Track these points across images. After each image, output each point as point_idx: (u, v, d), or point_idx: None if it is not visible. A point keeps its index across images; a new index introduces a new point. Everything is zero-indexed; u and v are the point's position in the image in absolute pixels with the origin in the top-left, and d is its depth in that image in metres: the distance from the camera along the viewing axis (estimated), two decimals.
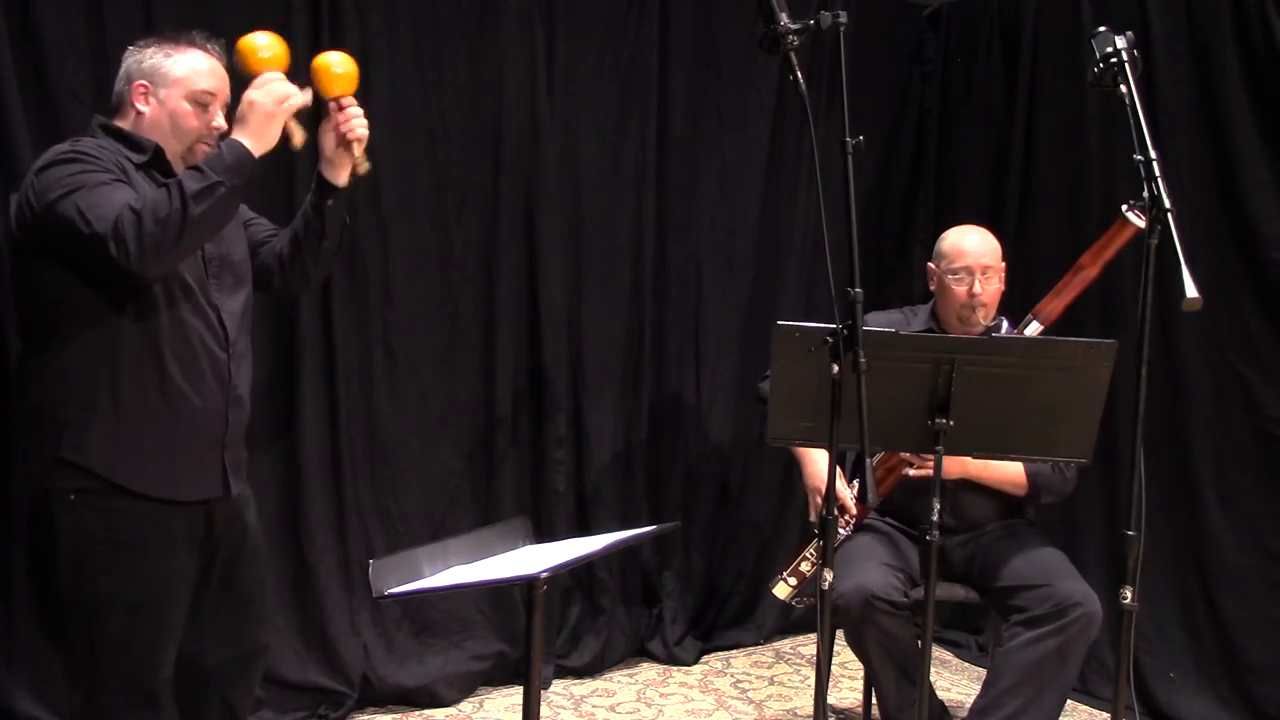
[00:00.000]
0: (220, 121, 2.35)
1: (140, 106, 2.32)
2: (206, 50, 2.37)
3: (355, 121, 2.40)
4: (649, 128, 3.92)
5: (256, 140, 2.23)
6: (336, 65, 2.40)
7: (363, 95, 3.35)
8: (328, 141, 2.43)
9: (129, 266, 2.11)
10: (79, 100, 2.97)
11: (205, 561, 2.38)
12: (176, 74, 2.31)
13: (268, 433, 3.32)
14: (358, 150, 2.42)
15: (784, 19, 2.16)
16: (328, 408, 3.43)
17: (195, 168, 2.19)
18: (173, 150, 2.32)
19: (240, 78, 2.34)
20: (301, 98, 2.30)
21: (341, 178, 2.47)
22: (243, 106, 2.24)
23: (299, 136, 2.34)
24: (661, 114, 3.95)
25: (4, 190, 2.89)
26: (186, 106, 2.31)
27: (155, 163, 2.30)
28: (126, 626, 2.25)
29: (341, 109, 2.40)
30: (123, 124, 2.33)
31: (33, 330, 2.29)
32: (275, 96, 2.25)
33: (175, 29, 2.44)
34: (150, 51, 2.33)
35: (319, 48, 3.29)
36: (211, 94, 2.34)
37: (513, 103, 3.64)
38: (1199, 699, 3.51)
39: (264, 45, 2.33)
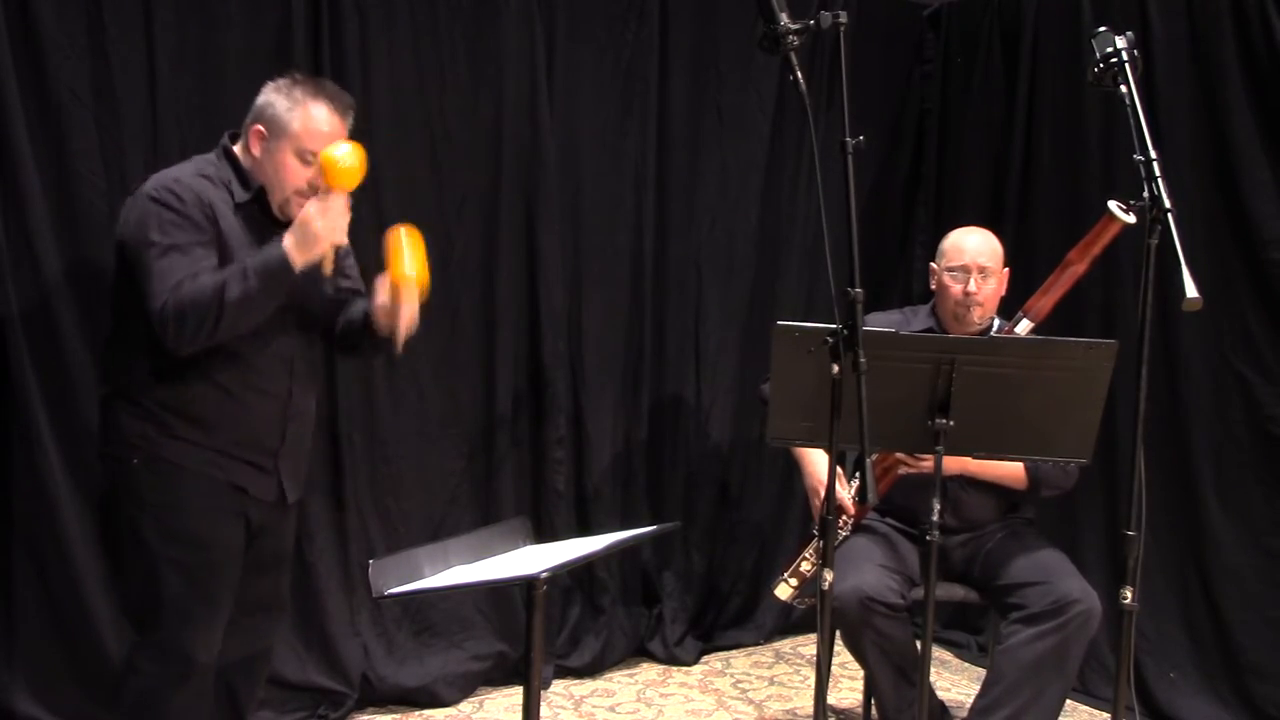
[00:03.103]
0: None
1: (255, 150, 2.42)
2: (332, 106, 2.42)
3: (405, 315, 2.44)
4: (649, 128, 3.91)
5: (301, 256, 2.31)
6: (343, 160, 2.37)
7: (363, 95, 3.39)
8: (382, 294, 2.47)
9: (164, 344, 2.27)
10: (79, 100, 2.97)
11: (248, 542, 2.49)
12: (292, 128, 2.39)
13: None
14: (400, 335, 2.46)
15: (784, 19, 2.15)
16: (327, 408, 3.42)
17: (243, 270, 2.28)
18: (275, 196, 2.43)
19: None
20: (343, 240, 2.40)
21: (387, 328, 2.51)
22: (302, 221, 2.32)
23: (329, 268, 2.43)
24: (661, 114, 3.94)
25: (3, 190, 2.90)
26: (292, 161, 2.39)
27: (257, 200, 2.42)
28: (173, 587, 2.37)
29: (400, 295, 2.42)
30: (240, 154, 2.44)
31: (121, 319, 2.42)
32: (333, 234, 2.34)
33: (307, 77, 2.52)
34: (278, 96, 2.42)
35: (319, 48, 3.30)
36: (318, 154, 2.40)
37: (513, 103, 3.64)
38: (1199, 699, 3.51)
39: (345, 160, 2.35)
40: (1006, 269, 3.12)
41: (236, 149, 2.46)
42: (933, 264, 3.17)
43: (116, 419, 2.40)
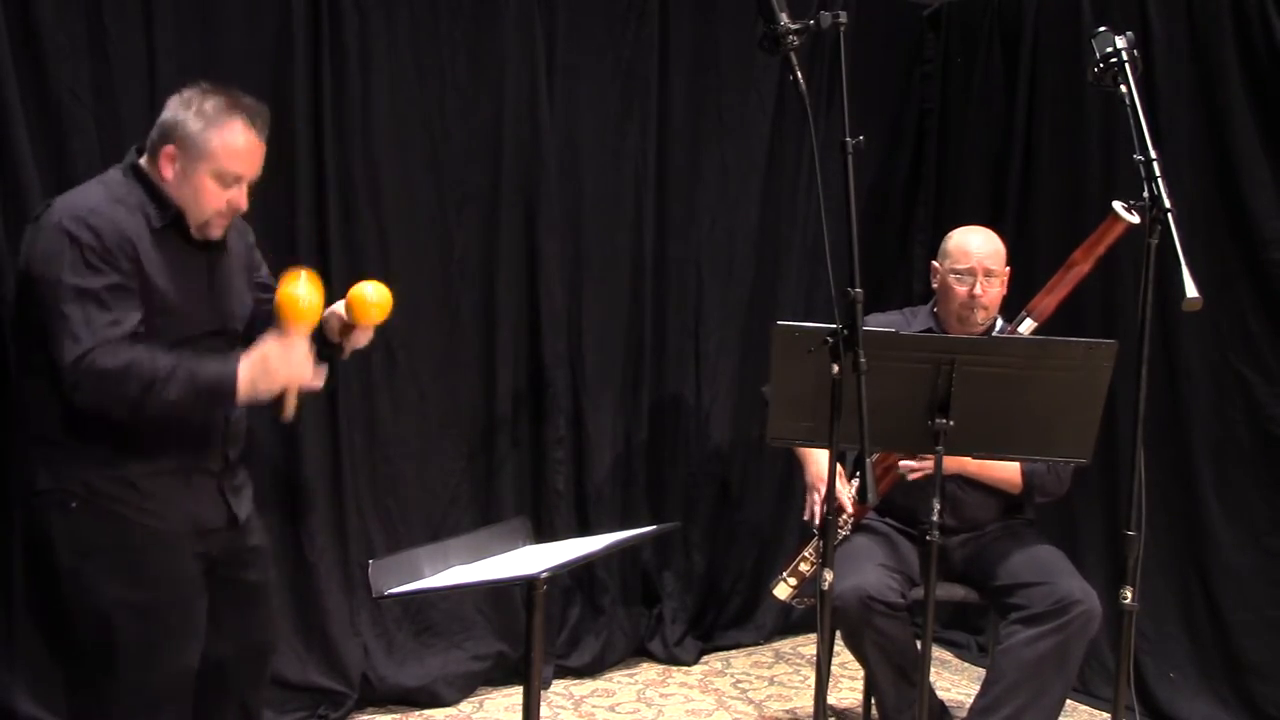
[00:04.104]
0: (243, 202, 2.30)
1: (166, 173, 2.25)
2: (248, 123, 2.26)
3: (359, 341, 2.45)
4: (649, 128, 3.91)
5: (250, 391, 2.19)
6: (378, 307, 2.41)
7: (363, 95, 3.40)
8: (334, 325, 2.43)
9: (65, 395, 2.12)
10: (79, 100, 2.97)
11: (212, 567, 2.40)
12: (209, 148, 2.23)
13: (268, 433, 3.32)
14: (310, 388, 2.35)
15: (784, 19, 2.15)
16: (327, 408, 3.43)
17: (191, 377, 2.15)
18: (193, 218, 2.28)
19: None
20: (305, 382, 2.26)
21: (346, 352, 2.49)
22: (262, 361, 2.19)
23: (290, 413, 2.28)
24: (661, 114, 3.94)
25: (4, 191, 2.89)
26: (211, 184, 2.24)
27: (174, 225, 2.27)
28: (136, 631, 2.24)
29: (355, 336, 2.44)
30: (152, 173, 2.27)
31: (33, 354, 2.25)
32: (294, 380, 2.22)
33: (221, 83, 2.33)
34: (189, 114, 2.24)
35: (319, 48, 3.30)
36: (239, 176, 2.27)
37: (513, 103, 3.64)
38: (1199, 699, 3.51)
39: (311, 306, 2.25)
40: (1008, 268, 3.12)
41: (145, 164, 2.27)
42: (934, 262, 3.16)
43: (48, 461, 2.22)
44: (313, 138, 3.30)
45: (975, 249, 3.06)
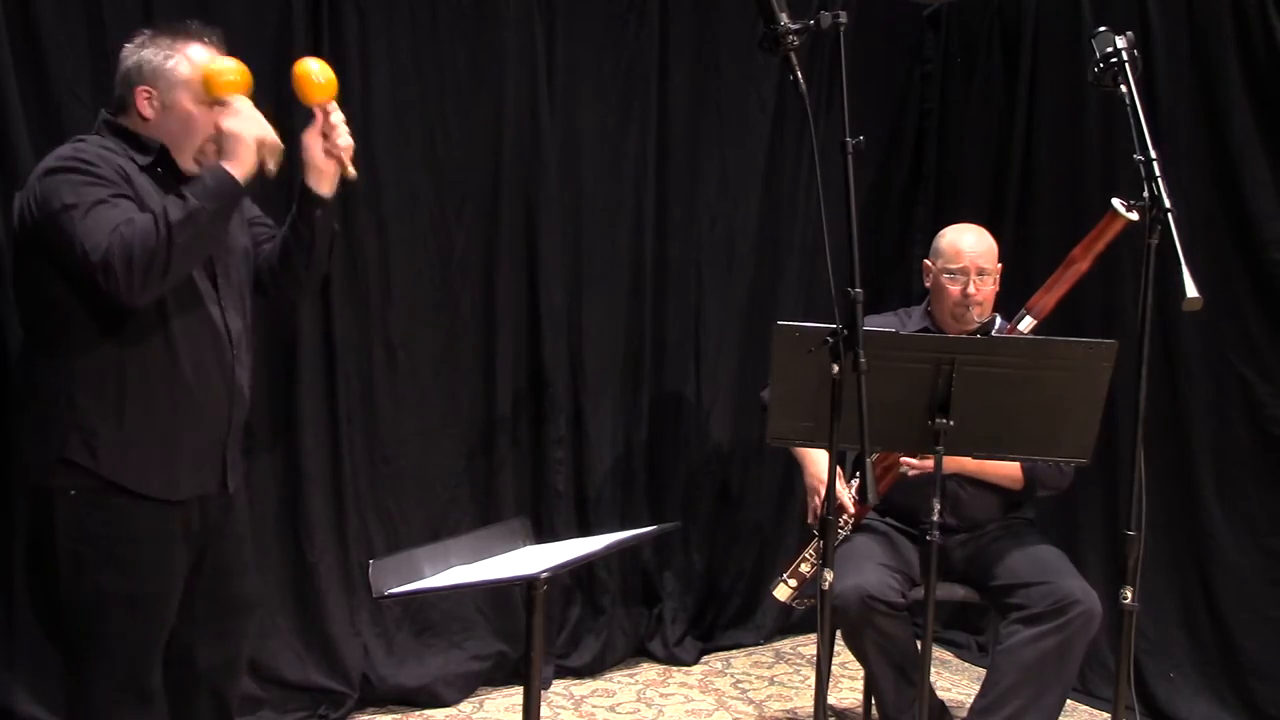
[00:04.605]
0: None
1: (146, 113, 2.28)
2: (205, 42, 2.32)
3: (341, 131, 2.36)
4: (649, 128, 3.92)
5: (239, 167, 2.21)
6: (317, 74, 2.34)
7: (363, 95, 3.40)
8: (314, 150, 2.37)
9: (118, 297, 2.13)
10: (79, 100, 2.97)
11: (197, 554, 2.39)
12: (181, 74, 2.27)
13: (268, 433, 3.32)
14: (346, 159, 2.38)
15: (784, 19, 2.15)
16: (328, 408, 3.43)
17: (180, 194, 2.17)
18: (185, 150, 2.30)
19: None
20: (274, 138, 2.27)
21: (327, 187, 2.42)
22: (224, 137, 2.22)
23: (273, 165, 2.30)
24: (661, 114, 3.95)
25: (4, 189, 2.90)
26: (196, 108, 2.28)
27: (160, 163, 2.29)
28: (125, 621, 2.26)
29: (327, 117, 2.36)
30: (127, 123, 2.30)
31: (36, 326, 2.27)
32: (257, 133, 2.23)
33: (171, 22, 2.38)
34: (149, 51, 2.28)
35: (319, 49, 3.30)
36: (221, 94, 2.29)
37: (513, 103, 3.64)
38: (1199, 699, 3.51)
39: (230, 69, 2.28)
40: (1000, 264, 3.12)
41: (118, 118, 2.30)
42: (927, 261, 3.16)
43: (51, 438, 2.22)
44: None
45: (968, 248, 3.07)
